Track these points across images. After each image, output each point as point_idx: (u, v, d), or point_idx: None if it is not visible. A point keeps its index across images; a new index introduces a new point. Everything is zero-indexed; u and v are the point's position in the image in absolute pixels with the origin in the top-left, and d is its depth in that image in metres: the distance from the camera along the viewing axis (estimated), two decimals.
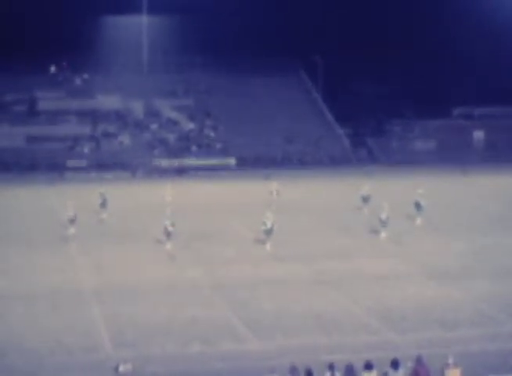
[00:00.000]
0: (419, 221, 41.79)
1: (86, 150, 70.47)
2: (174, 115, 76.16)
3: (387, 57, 75.25)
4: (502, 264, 32.98)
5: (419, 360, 18.94)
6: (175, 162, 69.03)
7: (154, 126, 74.43)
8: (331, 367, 18.71)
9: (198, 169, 68.00)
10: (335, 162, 71.78)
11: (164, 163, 68.98)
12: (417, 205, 41.95)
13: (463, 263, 33.35)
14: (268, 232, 36.12)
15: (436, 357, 20.04)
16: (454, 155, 71.45)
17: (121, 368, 21.26)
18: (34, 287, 29.82)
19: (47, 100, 73.60)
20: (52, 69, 79.70)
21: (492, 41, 76.09)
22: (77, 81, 78.50)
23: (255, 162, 69.66)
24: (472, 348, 22.81)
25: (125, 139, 72.40)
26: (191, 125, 75.37)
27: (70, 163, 67.63)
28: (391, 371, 18.80)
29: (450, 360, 18.85)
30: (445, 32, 77.17)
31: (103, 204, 44.13)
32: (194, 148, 72.22)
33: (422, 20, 78.98)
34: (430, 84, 76.36)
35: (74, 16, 72.47)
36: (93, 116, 73.89)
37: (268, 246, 36.04)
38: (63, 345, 23.46)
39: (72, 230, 39.05)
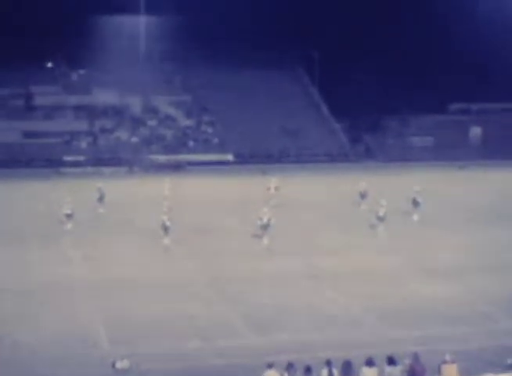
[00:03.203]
0: (416, 217, 41.88)
1: (83, 145, 70.38)
2: (171, 111, 76.08)
3: (384, 52, 75.19)
4: (500, 260, 33.02)
5: (415, 357, 18.96)
6: (172, 158, 68.91)
7: (151, 122, 74.32)
8: (328, 363, 18.71)
9: (195, 165, 67.92)
10: (332, 158, 71.81)
11: (162, 158, 68.87)
12: (414, 202, 42.08)
13: (460, 259, 33.38)
14: (265, 227, 36.20)
15: (433, 354, 20.04)
16: (451, 151, 71.43)
17: (118, 365, 21.22)
18: (32, 282, 29.75)
19: (43, 95, 73.41)
20: (49, 64, 79.57)
21: (489, 36, 75.93)
22: (74, 77, 78.41)
23: (252, 158, 69.64)
24: (469, 345, 22.82)
25: (122, 134, 72.31)
26: (188, 121, 75.31)
27: (67, 158, 67.52)
28: (388, 368, 18.82)
29: (447, 357, 18.84)
30: (441, 27, 77.09)
31: (101, 199, 44.19)
32: (191, 144, 72.17)
33: (419, 16, 78.88)
34: (426, 80, 76.28)
35: (72, 12, 72.27)
36: (90, 111, 73.78)
37: (265, 240, 36.09)
38: (61, 340, 23.42)
39: (69, 225, 39.05)
